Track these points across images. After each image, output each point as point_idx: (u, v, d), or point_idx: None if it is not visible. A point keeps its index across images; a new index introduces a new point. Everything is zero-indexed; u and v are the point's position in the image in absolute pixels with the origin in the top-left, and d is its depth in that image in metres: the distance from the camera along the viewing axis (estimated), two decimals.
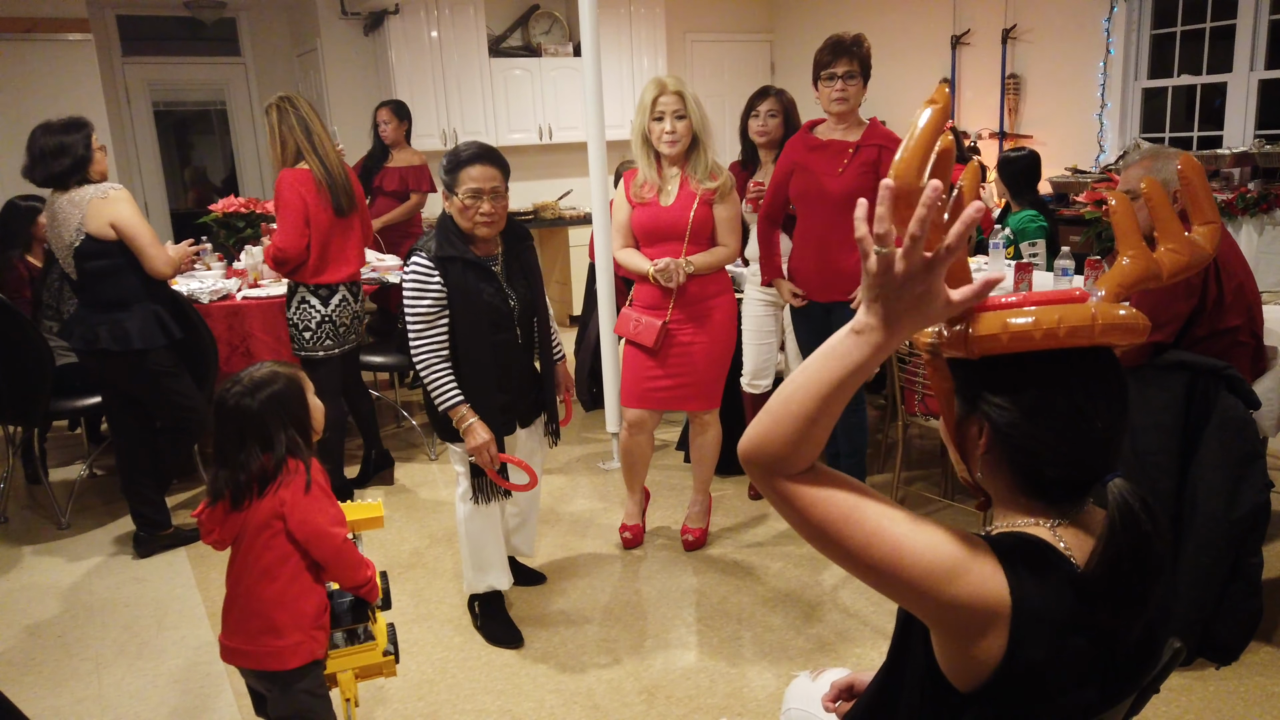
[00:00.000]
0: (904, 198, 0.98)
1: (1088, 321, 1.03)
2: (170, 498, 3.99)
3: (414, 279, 2.64)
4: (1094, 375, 1.07)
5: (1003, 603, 1.00)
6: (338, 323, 3.76)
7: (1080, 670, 1.04)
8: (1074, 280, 3.60)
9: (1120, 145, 6.01)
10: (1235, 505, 2.43)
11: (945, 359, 1.15)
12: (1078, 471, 1.08)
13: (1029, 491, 1.10)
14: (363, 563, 2.03)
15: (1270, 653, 2.65)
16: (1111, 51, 5.96)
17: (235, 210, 4.99)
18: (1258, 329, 2.70)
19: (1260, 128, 5.47)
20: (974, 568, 1.00)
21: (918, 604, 1.03)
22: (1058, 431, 1.06)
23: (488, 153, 2.68)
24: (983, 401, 1.10)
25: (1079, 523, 1.10)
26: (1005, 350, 1.05)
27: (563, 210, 7.53)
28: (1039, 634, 1.01)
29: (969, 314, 1.07)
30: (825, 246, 3.28)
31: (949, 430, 1.18)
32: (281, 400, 1.95)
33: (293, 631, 1.93)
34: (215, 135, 8.16)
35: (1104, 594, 1.03)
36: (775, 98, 3.68)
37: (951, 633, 1.04)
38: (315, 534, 1.93)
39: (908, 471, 4.02)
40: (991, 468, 1.13)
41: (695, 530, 3.48)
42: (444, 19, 6.96)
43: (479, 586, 2.93)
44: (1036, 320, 1.03)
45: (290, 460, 1.94)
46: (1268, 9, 5.31)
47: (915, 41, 7.11)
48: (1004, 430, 1.08)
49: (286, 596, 1.93)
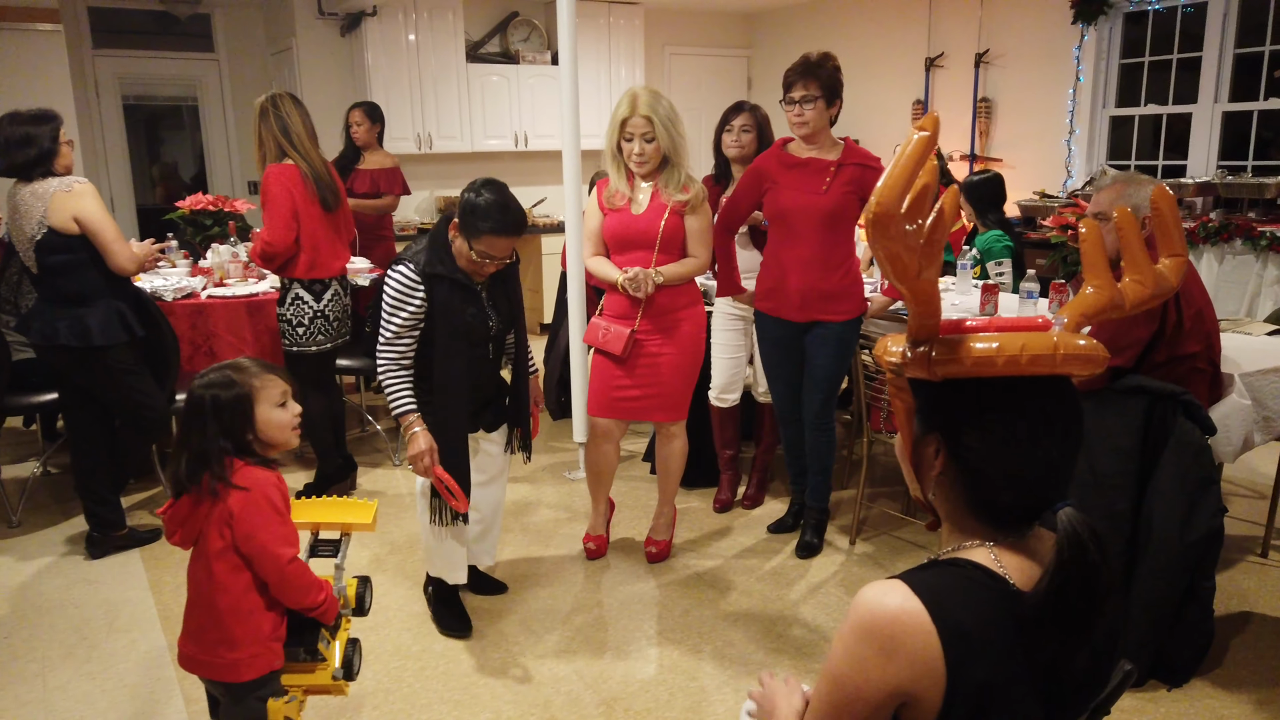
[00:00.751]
0: (884, 223, 0.99)
1: (1050, 350, 1.05)
2: (125, 498, 3.92)
3: (398, 289, 2.65)
4: (1052, 403, 1.08)
5: (932, 648, 1.01)
6: (330, 317, 3.85)
7: (1023, 692, 1.05)
8: (1039, 303, 3.65)
9: (1087, 171, 6.12)
10: (1190, 529, 2.46)
11: (908, 379, 1.15)
12: (1029, 497, 1.10)
13: (979, 514, 1.12)
14: (313, 585, 1.93)
15: (1221, 675, 2.69)
16: (1081, 79, 6.07)
17: (203, 208, 4.93)
18: (1215, 356, 2.75)
19: (1223, 158, 5.59)
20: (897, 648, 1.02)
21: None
22: (1013, 456, 1.08)
23: (513, 225, 2.62)
24: (942, 423, 1.12)
25: (1021, 546, 1.11)
26: (967, 374, 1.07)
27: (536, 218, 7.52)
28: (975, 653, 1.02)
29: (933, 336, 1.08)
30: (807, 265, 3.24)
31: (906, 449, 1.20)
32: (217, 405, 1.86)
33: (249, 644, 1.87)
34: (186, 131, 8.06)
35: (1049, 620, 1.04)
36: (749, 113, 3.69)
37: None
38: (259, 551, 1.85)
39: (871, 488, 4.04)
40: (945, 489, 1.14)
41: (659, 542, 3.47)
42: (422, 22, 6.94)
43: (436, 570, 2.97)
44: (1000, 346, 1.04)
45: (244, 464, 1.87)
46: (1233, 43, 5.43)
47: (890, 62, 7.19)
48: (960, 452, 1.10)
49: (241, 609, 1.87)
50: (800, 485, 3.63)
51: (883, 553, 3.52)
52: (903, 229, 1.01)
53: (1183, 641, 2.58)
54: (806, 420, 3.44)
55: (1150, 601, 2.51)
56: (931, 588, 1.04)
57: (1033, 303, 3.63)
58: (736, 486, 4.03)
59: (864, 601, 1.06)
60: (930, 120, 1.03)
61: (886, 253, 1.03)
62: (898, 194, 0.99)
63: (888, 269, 1.05)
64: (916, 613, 1.02)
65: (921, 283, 1.06)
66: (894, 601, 1.04)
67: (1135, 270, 1.22)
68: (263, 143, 3.71)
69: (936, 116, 1.05)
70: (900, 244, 1.02)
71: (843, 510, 3.85)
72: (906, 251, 1.03)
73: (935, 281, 1.08)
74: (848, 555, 3.50)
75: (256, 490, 1.86)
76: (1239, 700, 2.57)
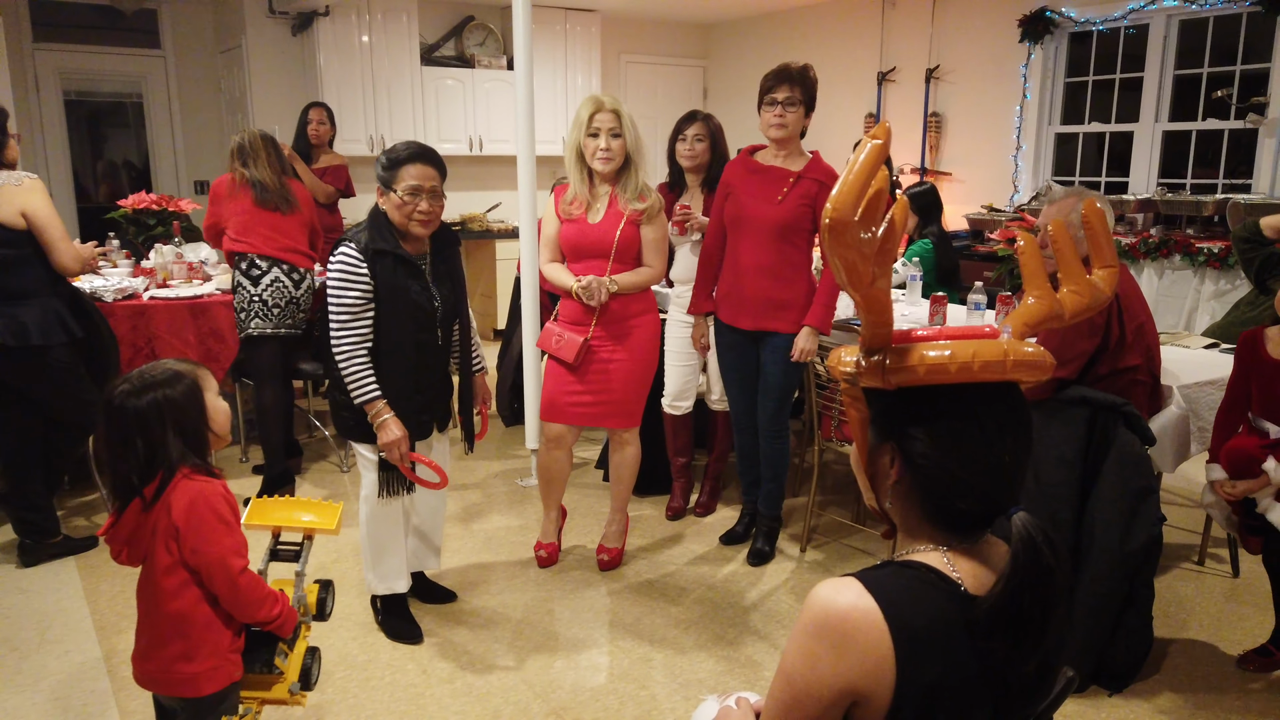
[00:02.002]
0: (839, 229, 1.00)
1: (1000, 357, 1.06)
2: (59, 504, 3.80)
3: (341, 269, 2.62)
4: (1003, 409, 1.11)
5: (883, 645, 1.02)
6: (269, 303, 3.90)
7: (971, 695, 1.07)
8: (986, 315, 3.71)
9: (1034, 186, 6.25)
10: (1130, 537, 2.52)
11: (862, 388, 1.16)
12: (984, 503, 1.11)
13: (935, 521, 1.13)
14: (267, 598, 1.86)
15: (1160, 680, 2.75)
16: (1028, 96, 6.20)
17: (146, 207, 4.81)
18: (1155, 369, 2.83)
19: (1163, 176, 5.75)
20: (849, 645, 1.03)
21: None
22: (967, 462, 1.09)
23: (427, 152, 2.71)
24: (897, 431, 1.13)
25: (974, 551, 1.13)
26: (920, 382, 1.08)
27: (491, 223, 7.47)
28: (926, 654, 1.03)
29: (886, 345, 1.09)
30: (758, 273, 3.25)
31: (862, 458, 1.20)
32: (172, 405, 1.79)
33: (208, 657, 1.81)
34: (131, 128, 7.87)
35: (1003, 624, 1.05)
36: (703, 122, 3.70)
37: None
38: (207, 565, 1.78)
39: (823, 496, 4.07)
40: (901, 497, 1.16)
41: (611, 550, 3.46)
42: (375, 24, 6.87)
43: (379, 589, 2.93)
44: (953, 354, 1.06)
45: (187, 474, 1.80)
46: (1173, 64, 5.60)
47: (844, 76, 7.29)
48: (916, 460, 1.12)
49: (197, 622, 1.80)
50: (753, 493, 3.64)
51: (833, 560, 3.55)
52: (857, 236, 1.02)
53: (1123, 647, 2.63)
54: (760, 427, 3.45)
55: (1091, 608, 2.56)
56: (885, 587, 1.05)
57: (980, 314, 3.70)
58: (689, 494, 4.03)
59: (817, 599, 1.07)
60: (883, 129, 1.04)
61: (842, 260, 1.03)
62: (852, 201, 1.00)
63: (843, 276, 1.06)
64: (869, 610, 1.03)
65: (875, 290, 1.07)
66: (847, 599, 1.05)
67: (1071, 281, 1.25)
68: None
69: (888, 125, 1.07)
70: (855, 251, 1.03)
71: (794, 518, 3.88)
72: (861, 259, 1.04)
73: (888, 289, 1.09)
74: (799, 563, 3.52)
75: (201, 500, 1.79)
76: (1178, 705, 2.63)
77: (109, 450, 1.80)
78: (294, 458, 4.40)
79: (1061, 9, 5.91)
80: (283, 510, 2.04)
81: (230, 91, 7.26)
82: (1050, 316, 1.22)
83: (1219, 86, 5.31)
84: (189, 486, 1.79)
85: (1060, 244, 1.25)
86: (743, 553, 3.57)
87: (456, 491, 4.20)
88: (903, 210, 1.15)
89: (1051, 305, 1.21)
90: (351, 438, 2.81)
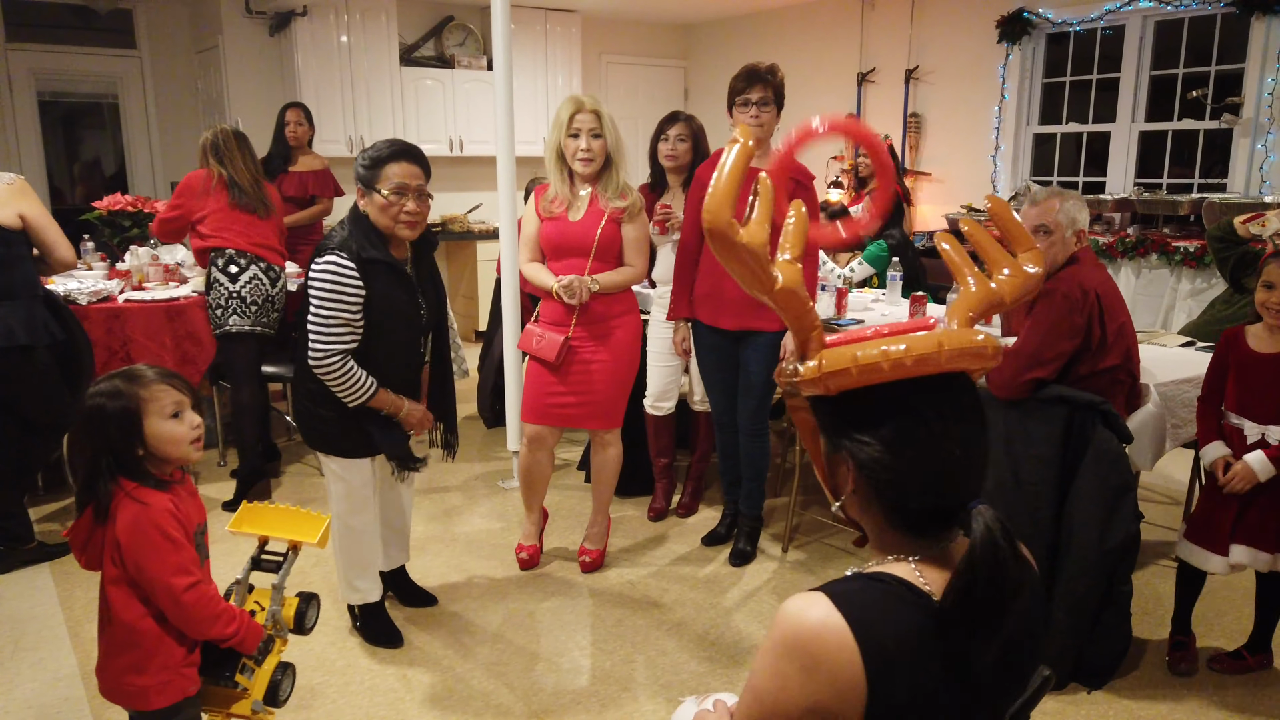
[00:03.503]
0: (718, 237, 0.98)
1: (934, 349, 1.04)
2: (34, 509, 3.75)
3: (332, 278, 2.49)
4: (947, 401, 1.08)
5: (854, 665, 1.01)
6: (247, 300, 3.89)
7: (942, 707, 1.05)
8: None
9: (1012, 186, 6.29)
10: (1108, 535, 2.53)
11: (806, 397, 1.15)
12: (941, 499, 1.09)
13: (897, 525, 1.11)
14: (219, 616, 1.78)
15: (1138, 677, 2.77)
16: (1006, 97, 6.24)
17: (121, 209, 4.76)
18: (1134, 368, 2.84)
19: (1140, 176, 5.80)
20: (819, 666, 1.02)
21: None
22: (918, 460, 1.07)
23: (411, 150, 2.60)
24: (845, 438, 1.11)
25: (943, 559, 1.10)
26: (857, 383, 1.06)
27: (471, 224, 7.44)
28: (897, 671, 1.02)
29: (819, 345, 1.07)
30: None
31: (819, 470, 1.19)
32: (102, 416, 1.72)
33: (157, 670, 1.77)
34: (106, 129, 7.78)
35: (958, 618, 1.04)
36: (685, 123, 3.70)
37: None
38: (150, 582, 1.73)
39: (804, 495, 4.08)
40: (861, 504, 1.13)
41: (593, 552, 3.45)
42: (354, 24, 6.82)
43: (353, 599, 2.90)
44: (883, 351, 1.04)
45: (133, 488, 1.74)
46: (1149, 65, 5.65)
47: (824, 77, 7.31)
48: (867, 465, 1.09)
49: (146, 635, 1.76)
50: (734, 493, 3.64)
51: (815, 560, 3.55)
52: (736, 240, 1.00)
53: (1101, 645, 2.65)
54: (741, 426, 3.45)
55: (1070, 606, 2.57)
56: (854, 603, 1.03)
57: None
58: (671, 495, 4.03)
59: (786, 616, 1.05)
60: (744, 130, 1.04)
61: (733, 266, 1.02)
62: (726, 206, 0.98)
63: (742, 284, 1.04)
64: (839, 629, 1.01)
65: (782, 292, 1.05)
66: (816, 616, 1.03)
67: (997, 267, 1.25)
68: (201, 161, 3.99)
69: (748, 129, 1.06)
70: (744, 253, 1.01)
71: (775, 518, 3.88)
72: (753, 261, 1.02)
73: (796, 288, 1.07)
74: (780, 563, 3.52)
75: (143, 516, 1.73)
76: (1155, 701, 2.65)
77: (74, 451, 1.77)
78: (272, 461, 4.37)
79: (1039, 10, 5.94)
80: (268, 519, 2.00)
81: (207, 92, 7.20)
82: (991, 301, 1.21)
83: (1194, 87, 5.36)
84: (134, 501, 1.74)
85: (976, 235, 1.26)
86: (725, 553, 3.57)
87: (437, 494, 4.17)
88: (766, 197, 1.13)
89: (985, 289, 1.21)
90: (320, 448, 2.75)
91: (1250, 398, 2.65)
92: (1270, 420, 2.61)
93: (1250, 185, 5.12)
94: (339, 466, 2.73)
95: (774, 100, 3.21)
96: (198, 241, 3.96)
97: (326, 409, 2.64)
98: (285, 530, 1.98)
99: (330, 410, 2.64)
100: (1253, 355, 2.63)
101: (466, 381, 5.13)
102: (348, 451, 2.71)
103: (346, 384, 2.57)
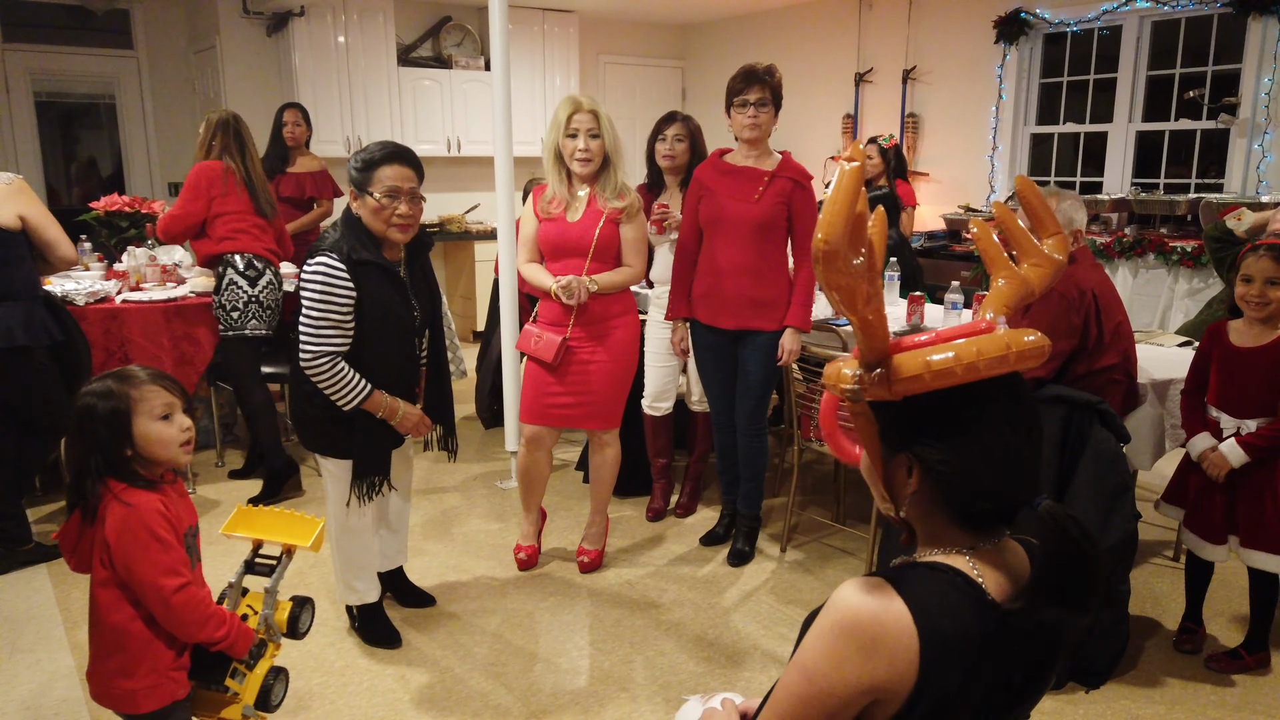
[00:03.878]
0: (833, 258, 0.99)
1: (1004, 350, 1.06)
2: (32, 510, 3.75)
3: (323, 280, 2.48)
4: (1011, 403, 1.10)
5: (912, 650, 1.02)
6: (265, 304, 3.93)
7: (978, 698, 1.07)
8: (963, 314, 3.73)
9: (1009, 186, 6.29)
10: (1106, 534, 2.54)
11: (868, 403, 1.15)
12: (1008, 499, 1.11)
13: (960, 524, 1.12)
14: (210, 619, 1.78)
15: (1136, 675, 2.77)
16: (1004, 97, 6.25)
17: (119, 209, 4.75)
18: (1131, 368, 2.85)
19: (1137, 175, 5.81)
20: (878, 648, 1.03)
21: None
22: (985, 462, 1.09)
23: (403, 152, 2.59)
24: (910, 441, 1.12)
25: (996, 555, 1.12)
26: (928, 389, 1.07)
27: (469, 224, 7.44)
28: (949, 659, 1.03)
29: (885, 358, 1.08)
30: (738, 273, 3.26)
31: (876, 470, 1.19)
32: (92, 416, 1.73)
33: (146, 674, 1.76)
34: (103, 130, 7.77)
35: (1047, 597, 1.05)
36: (682, 123, 3.71)
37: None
38: (139, 583, 1.72)
39: (802, 496, 4.08)
40: (922, 504, 1.14)
41: (591, 552, 3.45)
42: (352, 24, 6.82)
43: (351, 600, 2.90)
44: (957, 355, 1.05)
45: (123, 489, 1.74)
46: (1145, 65, 5.65)
47: (822, 77, 7.31)
48: (935, 467, 1.10)
49: (135, 638, 1.75)
50: (732, 494, 3.64)
51: (813, 560, 3.55)
52: (850, 262, 1.02)
53: (1099, 644, 2.65)
54: (739, 426, 3.46)
55: None
56: (915, 590, 1.05)
57: (957, 313, 3.71)
58: (669, 495, 4.03)
59: (846, 599, 1.05)
60: (857, 151, 1.04)
61: (837, 286, 1.03)
62: (841, 228, 0.99)
63: (838, 300, 1.05)
64: (900, 614, 1.03)
65: (870, 309, 1.06)
66: (879, 602, 1.04)
67: (1027, 256, 1.25)
68: (209, 149, 3.90)
69: (861, 147, 1.07)
70: (849, 276, 1.02)
71: (773, 518, 3.88)
72: (855, 281, 1.03)
73: (882, 307, 1.09)
74: (779, 563, 3.52)
75: (133, 517, 1.72)
76: (1153, 700, 2.65)
77: (67, 451, 1.77)
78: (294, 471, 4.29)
79: (1036, 10, 5.95)
80: (264, 521, 2.00)
81: (204, 92, 7.19)
82: (1024, 294, 1.22)
83: (1191, 87, 5.37)
84: (123, 502, 1.73)
85: (1007, 223, 1.26)
86: (723, 553, 3.57)
87: (435, 494, 4.17)
88: (880, 225, 1.14)
89: (1021, 283, 1.22)
90: (317, 450, 2.75)
91: (1230, 391, 2.69)
92: (1247, 414, 2.66)
93: (1247, 185, 5.13)
94: (335, 467, 2.73)
95: (772, 101, 3.21)
96: (209, 245, 3.92)
97: (322, 410, 2.64)
98: (279, 534, 1.97)
99: (325, 411, 2.63)
100: (1234, 350, 2.67)
101: (464, 382, 5.13)
102: (344, 452, 2.71)
103: (337, 385, 2.56)
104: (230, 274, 3.88)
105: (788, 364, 3.31)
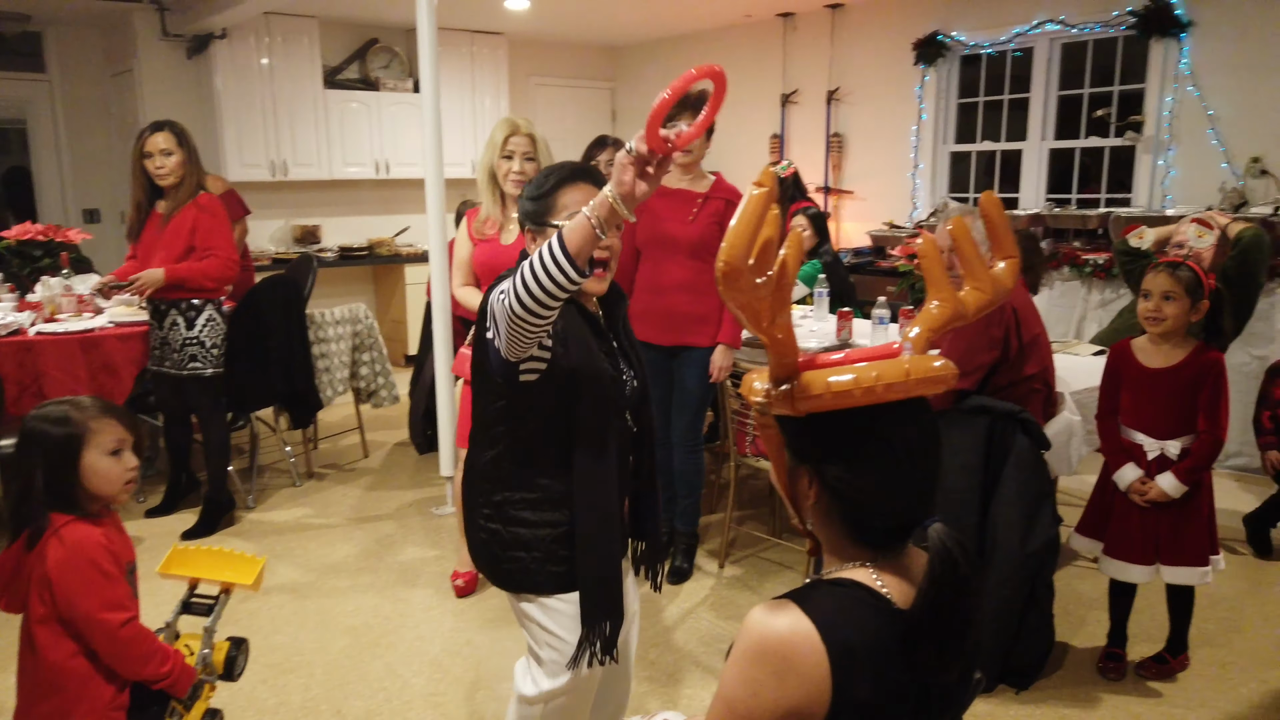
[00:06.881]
0: (733, 277, 1.02)
1: (902, 377, 1.10)
2: None
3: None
4: (911, 425, 1.13)
5: (822, 667, 1.04)
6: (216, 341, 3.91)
7: (899, 706, 1.09)
8: (890, 329, 3.82)
9: (931, 203, 6.47)
10: (1030, 539, 2.62)
11: (774, 416, 1.18)
12: (900, 518, 1.15)
13: (856, 538, 1.16)
14: (154, 655, 1.75)
15: (1061, 676, 2.85)
16: (924, 116, 6.43)
17: (32, 238, 4.59)
18: (1050, 378, 2.95)
19: (1051, 191, 6.02)
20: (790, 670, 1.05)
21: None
22: (881, 481, 1.12)
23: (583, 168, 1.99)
24: (810, 456, 1.15)
25: (898, 566, 1.16)
26: (829, 408, 1.10)
27: (399, 247, 7.37)
28: (860, 672, 1.05)
29: (794, 374, 1.11)
30: (675, 290, 3.33)
31: (780, 480, 1.22)
32: (44, 441, 1.68)
33: (85, 714, 1.70)
34: (13, 155, 7.50)
35: (927, 635, 1.08)
36: (613, 148, 3.75)
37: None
38: (84, 620, 1.67)
39: (739, 511, 4.11)
40: (821, 516, 1.17)
41: (465, 574, 3.41)
42: (276, 46, 6.72)
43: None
44: (856, 378, 1.09)
45: (66, 521, 1.69)
46: (1056, 85, 5.88)
47: (749, 98, 7.44)
48: (831, 483, 1.14)
49: (73, 676, 1.70)
50: (670, 511, 3.66)
51: (752, 575, 3.58)
52: (751, 282, 1.04)
53: (1027, 646, 2.73)
54: (675, 442, 3.48)
55: (997, 609, 2.64)
56: (820, 607, 1.07)
57: (884, 328, 3.80)
58: None
59: (755, 624, 1.08)
60: (767, 175, 1.06)
61: (738, 304, 1.05)
62: (743, 249, 1.02)
63: (742, 319, 1.08)
64: (808, 633, 1.05)
65: (775, 328, 1.09)
66: (785, 623, 1.06)
67: (973, 278, 1.29)
68: (191, 167, 3.81)
69: (773, 172, 1.09)
70: (750, 295, 1.05)
71: (712, 534, 3.90)
72: (757, 301, 1.06)
73: (789, 325, 1.11)
74: (717, 579, 3.54)
75: (77, 552, 1.67)
76: (1081, 700, 2.73)
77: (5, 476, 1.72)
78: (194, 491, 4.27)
79: (952, 33, 6.15)
80: (202, 560, 1.95)
81: (121, 116, 7.00)
82: (954, 317, 1.26)
83: (1099, 106, 5.60)
84: (65, 536, 1.68)
85: (960, 241, 1.28)
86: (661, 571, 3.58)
87: (370, 523, 4.10)
88: (796, 248, 1.17)
89: (955, 307, 1.25)
90: (519, 589, 1.84)
91: (1145, 412, 2.74)
92: (1166, 434, 2.71)
93: (1153, 199, 5.36)
94: (546, 615, 1.84)
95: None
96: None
97: (518, 527, 1.81)
98: (218, 573, 1.93)
99: (524, 528, 1.80)
100: (1145, 371, 2.72)
101: (397, 407, 5.06)
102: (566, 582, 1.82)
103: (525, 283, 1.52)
104: (210, 310, 3.84)
105: (719, 380, 3.35)
